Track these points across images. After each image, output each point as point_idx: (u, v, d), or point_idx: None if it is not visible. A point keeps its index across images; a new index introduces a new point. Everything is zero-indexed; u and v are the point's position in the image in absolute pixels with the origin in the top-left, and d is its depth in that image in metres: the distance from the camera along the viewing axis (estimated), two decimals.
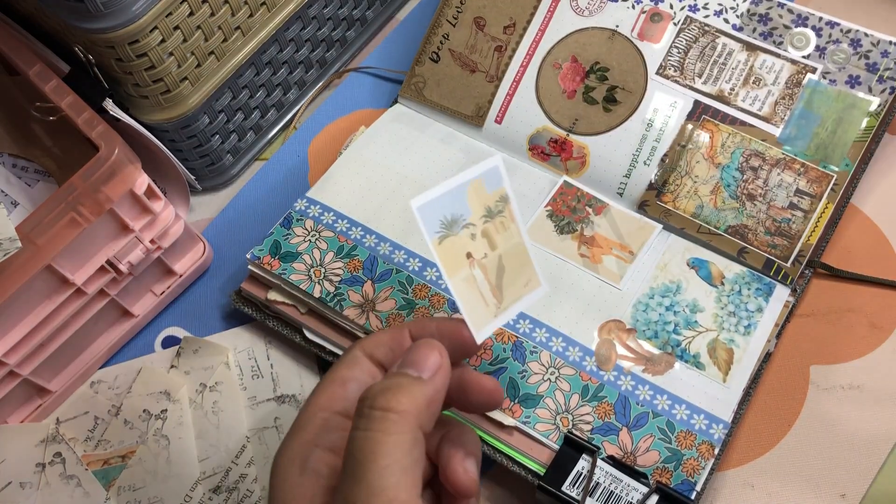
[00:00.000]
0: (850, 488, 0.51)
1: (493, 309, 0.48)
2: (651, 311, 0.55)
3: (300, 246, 0.59)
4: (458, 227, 0.47)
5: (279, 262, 0.58)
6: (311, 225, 0.60)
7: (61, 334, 0.56)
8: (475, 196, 0.48)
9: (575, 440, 0.51)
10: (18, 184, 0.61)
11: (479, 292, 0.47)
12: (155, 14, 0.53)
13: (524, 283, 0.49)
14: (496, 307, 0.48)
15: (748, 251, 0.57)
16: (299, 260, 0.58)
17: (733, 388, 0.52)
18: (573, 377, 0.53)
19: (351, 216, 0.60)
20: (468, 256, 0.47)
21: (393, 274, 0.57)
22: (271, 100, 0.67)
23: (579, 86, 0.62)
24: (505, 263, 0.49)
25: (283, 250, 0.59)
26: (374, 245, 0.59)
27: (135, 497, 0.55)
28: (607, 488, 0.49)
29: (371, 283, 0.57)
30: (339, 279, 0.57)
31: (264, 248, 0.59)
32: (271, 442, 0.57)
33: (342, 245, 0.59)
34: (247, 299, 0.60)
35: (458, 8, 0.65)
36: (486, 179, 0.48)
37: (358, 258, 0.58)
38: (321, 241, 0.59)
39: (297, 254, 0.59)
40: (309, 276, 0.58)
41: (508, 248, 0.49)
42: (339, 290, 0.57)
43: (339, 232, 0.60)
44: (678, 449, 0.50)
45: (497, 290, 0.48)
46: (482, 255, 0.48)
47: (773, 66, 0.59)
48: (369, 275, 0.58)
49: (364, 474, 0.35)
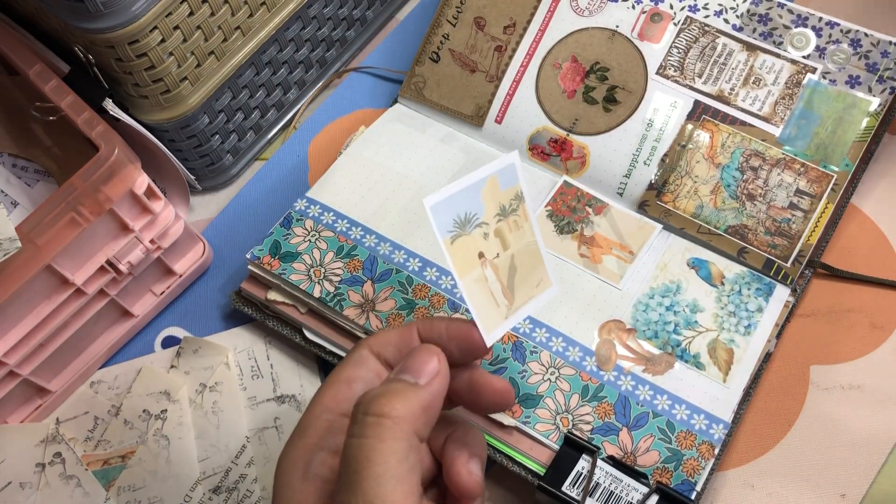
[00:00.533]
0: (850, 488, 0.51)
1: (504, 310, 0.47)
2: (651, 311, 0.55)
3: (300, 246, 0.59)
4: (471, 226, 0.46)
5: (279, 262, 0.58)
6: (311, 225, 0.60)
7: (61, 334, 0.56)
8: (490, 194, 0.47)
9: (575, 440, 0.51)
10: (18, 184, 0.61)
11: (490, 293, 0.47)
12: (155, 14, 0.53)
13: (536, 284, 0.49)
14: (507, 308, 0.47)
15: (748, 251, 0.57)
16: (299, 260, 0.58)
17: (733, 389, 0.52)
18: (573, 377, 0.53)
19: (351, 216, 0.60)
20: (480, 256, 0.47)
21: (393, 274, 0.57)
22: (271, 100, 0.67)
23: (579, 86, 0.62)
24: (517, 263, 0.48)
25: (283, 250, 0.59)
26: (374, 245, 0.59)
27: (135, 497, 0.55)
28: (607, 488, 0.49)
29: (371, 283, 0.57)
30: (339, 279, 0.57)
31: (264, 248, 0.59)
32: (271, 442, 0.57)
33: (342, 245, 0.59)
34: (247, 299, 0.60)
35: (459, 8, 0.65)
36: (502, 177, 0.47)
37: (358, 258, 0.58)
38: (321, 241, 0.59)
39: (297, 254, 0.59)
40: (309, 276, 0.58)
41: (521, 247, 0.48)
42: (339, 290, 0.57)
43: (339, 232, 0.60)
44: (678, 449, 0.50)
45: (508, 291, 0.48)
46: (494, 255, 0.47)
47: (773, 66, 0.59)
48: (369, 275, 0.58)
49: (359, 482, 0.35)
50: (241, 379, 0.59)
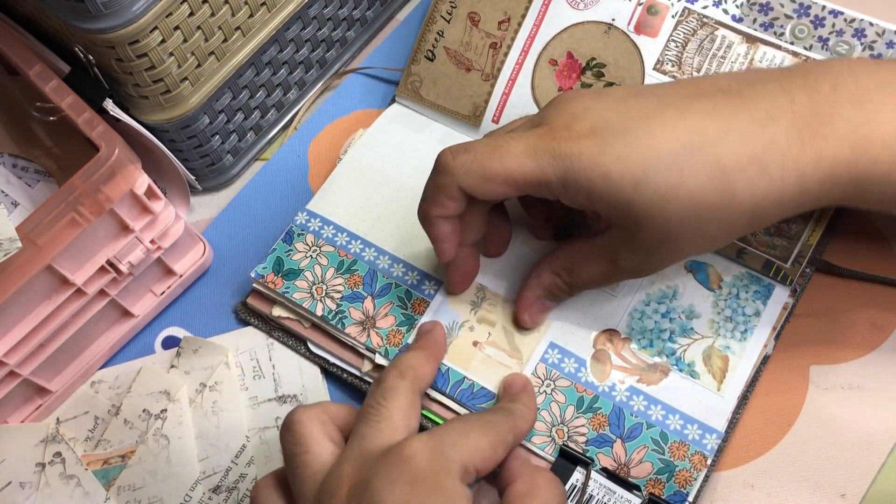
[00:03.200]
0: (850, 488, 0.51)
1: (518, 367, 0.54)
2: (647, 318, 0.55)
3: (302, 262, 0.59)
4: (455, 330, 0.55)
5: (282, 279, 0.58)
6: (312, 240, 0.60)
7: (61, 334, 0.56)
8: (455, 301, 0.56)
9: (570, 453, 0.51)
10: (18, 184, 0.61)
11: (497, 364, 0.54)
12: (155, 14, 0.53)
13: (536, 330, 0.55)
14: (519, 364, 0.54)
15: (747, 252, 0.56)
16: (301, 277, 0.58)
17: (727, 398, 0.52)
18: (568, 389, 0.53)
19: (349, 228, 0.60)
20: (475, 344, 0.55)
21: (392, 289, 0.57)
22: (271, 100, 0.67)
23: (576, 83, 0.61)
24: (510, 328, 0.55)
25: (286, 267, 0.59)
26: (373, 259, 0.59)
27: (135, 497, 0.55)
28: (601, 500, 0.49)
29: (371, 299, 0.57)
30: (340, 296, 0.57)
31: (268, 266, 0.59)
32: (272, 442, 0.57)
33: (342, 260, 0.59)
34: (252, 311, 0.60)
35: (452, 3, 0.64)
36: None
37: (358, 273, 0.58)
38: (322, 256, 0.59)
39: (300, 271, 0.58)
40: (311, 293, 0.58)
41: (506, 315, 0.56)
42: (341, 308, 0.57)
43: (340, 246, 0.59)
44: (671, 460, 0.50)
45: (515, 351, 0.55)
46: (487, 336, 0.55)
47: (775, 58, 0.58)
48: (369, 290, 0.57)
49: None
50: (243, 379, 0.59)
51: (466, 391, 0.53)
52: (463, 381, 0.54)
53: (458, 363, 0.54)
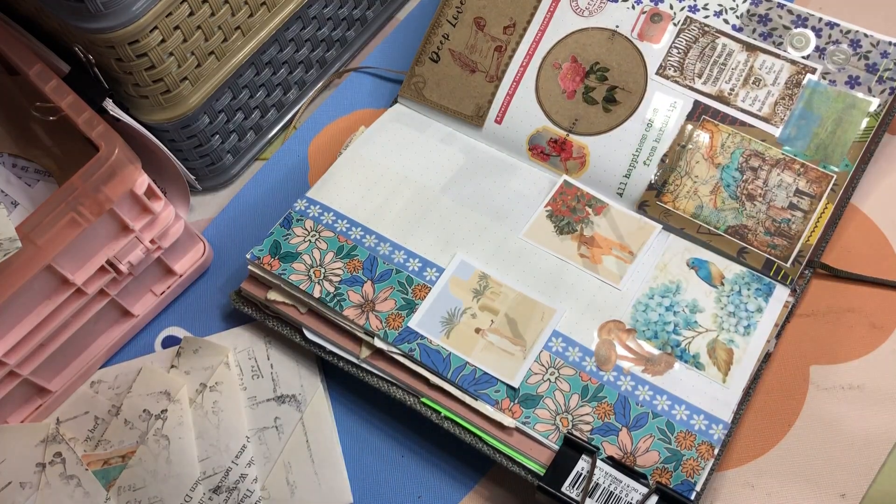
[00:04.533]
0: (850, 488, 0.51)
1: (521, 354, 0.54)
2: (651, 311, 0.55)
3: (300, 246, 0.59)
4: (457, 317, 0.56)
5: (279, 262, 0.58)
6: (311, 225, 0.60)
7: (61, 334, 0.56)
8: (458, 288, 0.57)
9: (575, 441, 0.51)
10: (18, 184, 0.61)
11: (500, 351, 0.54)
12: (155, 14, 0.53)
13: (539, 318, 0.55)
14: (523, 351, 0.54)
15: (748, 251, 0.57)
16: (299, 260, 0.58)
17: (733, 389, 0.52)
18: (573, 377, 0.53)
19: (350, 216, 0.60)
20: (477, 331, 0.55)
21: (393, 274, 0.58)
22: (271, 100, 0.67)
23: (579, 86, 0.62)
24: (514, 316, 0.56)
25: (283, 250, 0.59)
26: (373, 245, 0.59)
27: (135, 497, 0.55)
28: (607, 489, 0.49)
29: (371, 283, 0.57)
30: (339, 279, 0.57)
31: (264, 249, 0.59)
32: (271, 442, 0.57)
33: (342, 245, 0.59)
34: (246, 299, 0.60)
35: (459, 8, 0.65)
36: (459, 272, 0.57)
37: (358, 258, 0.58)
38: (321, 241, 0.59)
39: (297, 254, 0.59)
40: (309, 276, 0.58)
41: (509, 303, 0.56)
42: (339, 291, 0.57)
43: (339, 232, 0.60)
44: (678, 449, 0.51)
45: (518, 339, 0.55)
46: (489, 323, 0.56)
47: (773, 66, 0.59)
48: (369, 275, 0.58)
49: None
50: (242, 379, 0.59)
51: (468, 377, 0.53)
52: (465, 366, 0.54)
53: (460, 349, 0.54)
